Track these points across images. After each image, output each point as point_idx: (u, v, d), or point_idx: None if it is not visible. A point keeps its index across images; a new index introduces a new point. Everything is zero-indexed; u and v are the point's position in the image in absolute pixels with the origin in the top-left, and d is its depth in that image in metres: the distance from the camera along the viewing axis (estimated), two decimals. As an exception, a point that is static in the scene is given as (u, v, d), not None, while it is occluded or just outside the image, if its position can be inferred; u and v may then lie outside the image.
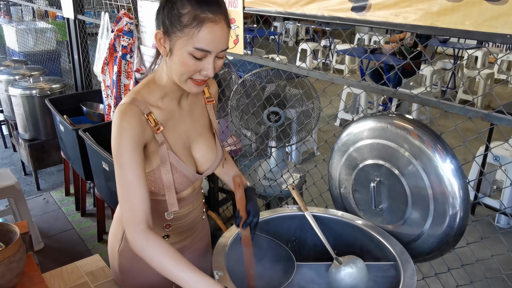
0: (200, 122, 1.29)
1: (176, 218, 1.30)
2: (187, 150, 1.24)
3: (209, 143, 1.29)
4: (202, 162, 1.27)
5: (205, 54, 1.02)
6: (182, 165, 1.20)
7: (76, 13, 3.66)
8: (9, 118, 4.05)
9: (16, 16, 6.89)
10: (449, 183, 1.33)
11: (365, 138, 1.53)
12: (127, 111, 1.08)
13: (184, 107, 1.24)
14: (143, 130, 1.10)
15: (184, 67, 1.05)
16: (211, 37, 1.00)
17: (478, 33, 1.18)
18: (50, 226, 3.17)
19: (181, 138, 1.22)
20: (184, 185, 1.23)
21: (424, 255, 1.47)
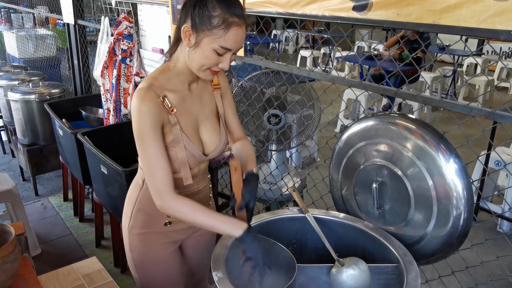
0: (208, 106, 1.38)
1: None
2: (196, 132, 1.34)
3: (215, 127, 1.39)
4: (208, 144, 1.37)
5: (226, 51, 1.17)
6: (191, 145, 1.30)
7: (76, 18, 3.66)
8: (8, 124, 4.03)
9: (17, 23, 6.91)
10: (453, 183, 1.30)
11: (366, 139, 1.51)
12: (145, 96, 1.20)
13: (195, 91, 1.35)
14: (160, 112, 1.22)
15: (206, 60, 1.19)
16: (235, 38, 1.15)
17: (482, 30, 1.17)
18: (47, 231, 3.13)
19: (191, 120, 1.32)
20: (191, 165, 1.33)
21: (427, 257, 1.44)
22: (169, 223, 1.41)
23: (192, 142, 1.31)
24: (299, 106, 2.13)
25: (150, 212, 1.38)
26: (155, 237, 1.42)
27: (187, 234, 1.50)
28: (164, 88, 1.25)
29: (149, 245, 1.42)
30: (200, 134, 1.36)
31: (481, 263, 1.45)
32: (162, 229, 1.41)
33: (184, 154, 1.29)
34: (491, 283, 1.50)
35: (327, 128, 4.60)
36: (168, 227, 1.42)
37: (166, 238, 1.44)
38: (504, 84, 7.55)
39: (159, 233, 1.42)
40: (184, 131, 1.29)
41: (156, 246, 1.43)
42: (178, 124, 1.27)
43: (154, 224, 1.40)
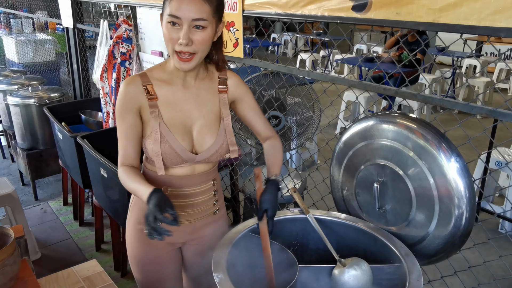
0: (207, 106, 1.36)
1: (171, 195, 1.37)
2: (185, 128, 1.33)
3: (212, 128, 1.36)
4: (200, 143, 1.35)
5: (178, 21, 1.16)
6: (172, 138, 1.30)
7: (76, 22, 3.67)
8: (8, 128, 4.03)
9: (16, 28, 6.92)
10: (455, 182, 1.30)
11: (367, 139, 1.50)
12: (129, 81, 1.29)
13: (191, 88, 1.34)
14: (137, 96, 1.28)
15: (165, 37, 1.20)
16: (180, 4, 1.15)
17: (481, 27, 1.16)
18: (47, 236, 3.12)
19: (180, 115, 1.32)
20: (174, 159, 1.32)
21: (429, 257, 1.43)
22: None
23: (176, 135, 1.31)
24: (299, 108, 2.13)
25: (143, 207, 1.37)
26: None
27: (184, 239, 1.47)
28: (154, 78, 1.30)
29: (143, 241, 1.43)
30: (192, 132, 1.34)
31: (484, 262, 1.44)
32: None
33: (157, 146, 1.30)
34: (494, 283, 1.49)
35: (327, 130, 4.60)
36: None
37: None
38: (503, 85, 7.56)
39: None
40: (167, 123, 1.30)
41: (149, 243, 1.41)
42: (157, 113, 1.29)
43: None
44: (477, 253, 1.51)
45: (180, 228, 1.39)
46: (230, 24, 1.98)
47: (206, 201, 1.44)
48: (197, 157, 1.35)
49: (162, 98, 1.30)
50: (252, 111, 1.44)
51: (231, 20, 1.97)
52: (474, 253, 1.54)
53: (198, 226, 1.45)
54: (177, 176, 1.37)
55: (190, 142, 1.34)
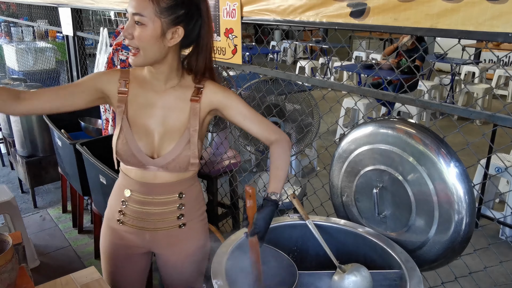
0: (174, 113, 1.34)
1: (132, 199, 1.40)
2: (147, 131, 1.33)
3: (173, 135, 1.34)
4: (159, 149, 1.34)
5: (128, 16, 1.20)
6: (130, 136, 1.32)
7: (75, 30, 3.69)
8: (7, 136, 4.02)
9: (17, 36, 6.95)
10: (454, 187, 1.29)
11: (366, 144, 1.50)
12: (110, 70, 1.37)
13: (161, 93, 1.34)
14: (108, 82, 1.33)
15: None
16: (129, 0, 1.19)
17: (479, 33, 1.17)
18: (46, 243, 3.11)
19: (145, 117, 1.33)
20: (129, 158, 1.33)
21: (429, 263, 1.42)
22: (121, 222, 1.43)
23: (135, 135, 1.32)
24: (298, 114, 2.13)
25: (110, 204, 1.47)
26: (113, 232, 1.46)
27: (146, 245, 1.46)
28: (134, 78, 1.35)
29: (109, 237, 1.48)
30: (153, 136, 1.34)
31: (484, 268, 1.43)
32: (117, 226, 1.44)
33: (116, 137, 1.33)
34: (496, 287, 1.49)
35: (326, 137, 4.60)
36: (121, 226, 1.43)
37: (123, 239, 1.45)
38: (502, 92, 7.58)
39: (116, 229, 1.45)
40: (130, 121, 1.33)
41: (114, 242, 1.47)
42: (123, 109, 1.32)
43: (112, 218, 1.46)
44: (477, 259, 1.50)
45: (139, 233, 1.43)
46: (229, 31, 1.99)
47: (168, 213, 1.40)
48: (153, 161, 1.33)
49: (132, 96, 1.34)
50: (241, 116, 1.36)
51: (229, 27, 1.98)
52: (474, 259, 1.53)
53: (160, 236, 1.43)
54: (139, 182, 1.37)
55: (150, 145, 1.34)
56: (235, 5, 1.90)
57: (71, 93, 1.30)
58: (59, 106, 1.28)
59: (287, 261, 1.33)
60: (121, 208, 1.42)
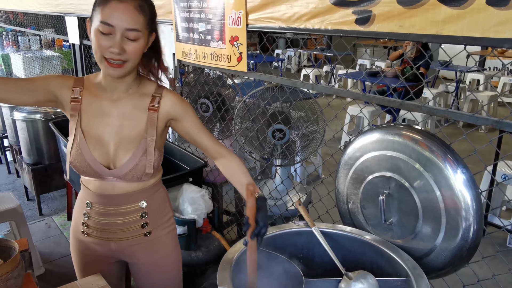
0: (130, 122, 1.31)
1: (93, 211, 1.37)
2: (101, 141, 1.30)
3: (129, 146, 1.30)
4: (115, 160, 1.31)
5: (110, 30, 1.14)
6: (85, 146, 1.28)
7: (82, 38, 3.73)
8: (14, 144, 4.05)
9: (24, 45, 7.03)
10: (461, 194, 1.29)
11: (372, 150, 1.50)
12: (67, 76, 1.32)
13: (117, 101, 1.31)
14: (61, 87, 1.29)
15: (94, 44, 1.17)
16: (114, 12, 1.13)
17: (485, 39, 1.17)
18: (51, 250, 3.11)
19: (100, 127, 1.30)
20: (85, 169, 1.29)
21: (437, 271, 1.41)
22: (86, 234, 1.40)
23: (89, 145, 1.28)
24: (303, 121, 2.13)
25: (75, 215, 1.44)
26: (80, 243, 1.44)
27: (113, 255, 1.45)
28: (88, 86, 1.31)
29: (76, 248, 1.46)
30: (109, 146, 1.30)
31: (493, 276, 1.42)
32: (83, 237, 1.42)
33: (69, 147, 1.30)
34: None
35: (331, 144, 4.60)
36: (86, 237, 1.41)
37: (90, 249, 1.43)
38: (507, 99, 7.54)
39: (82, 241, 1.43)
40: (84, 130, 1.29)
41: (82, 252, 1.45)
42: (76, 118, 1.28)
43: (77, 229, 1.43)
44: (485, 267, 1.48)
45: (104, 244, 1.41)
46: (234, 38, 2.00)
47: (130, 222, 1.38)
48: (110, 172, 1.30)
49: (86, 105, 1.29)
50: (195, 128, 1.37)
51: (235, 35, 1.99)
52: (482, 268, 1.51)
53: (125, 245, 1.41)
54: (98, 194, 1.34)
55: (105, 155, 1.30)
56: (240, 13, 1.91)
57: (21, 87, 1.24)
58: (5, 98, 1.23)
59: (294, 268, 1.32)
60: (84, 220, 1.39)
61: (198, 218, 2.15)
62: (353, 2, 1.47)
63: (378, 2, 1.39)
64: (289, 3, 1.69)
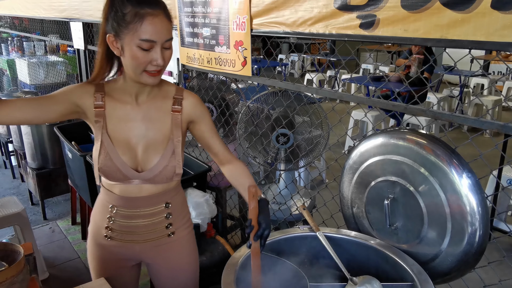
0: (155, 125, 1.33)
1: (118, 214, 1.37)
2: (129, 145, 1.31)
3: (157, 148, 1.33)
4: (144, 162, 1.33)
5: (151, 45, 1.16)
6: (113, 151, 1.29)
7: (86, 44, 3.75)
8: (18, 148, 4.07)
9: (29, 51, 7.07)
10: (467, 199, 1.28)
11: (377, 155, 1.49)
12: (85, 83, 1.31)
13: (141, 105, 1.32)
14: (82, 97, 1.28)
15: (135, 60, 1.17)
16: (153, 28, 1.14)
17: (490, 43, 1.16)
18: (55, 255, 3.11)
19: (126, 130, 1.31)
20: (115, 174, 1.30)
21: (442, 276, 1.40)
22: (109, 238, 1.41)
23: (118, 149, 1.29)
24: (307, 126, 2.13)
25: (95, 220, 1.44)
26: (101, 248, 1.44)
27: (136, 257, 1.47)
28: (109, 91, 1.30)
29: (97, 253, 1.45)
30: (136, 149, 1.32)
31: (499, 281, 1.41)
32: (105, 242, 1.42)
33: (96, 154, 1.30)
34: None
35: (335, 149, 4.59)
36: (110, 241, 1.41)
37: (112, 253, 1.44)
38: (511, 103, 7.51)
39: (104, 245, 1.43)
40: (111, 135, 1.30)
41: (102, 257, 1.45)
42: (101, 123, 1.29)
43: (99, 234, 1.43)
44: (491, 272, 1.47)
45: (129, 247, 1.42)
46: (239, 43, 2.01)
47: (156, 224, 1.40)
48: (140, 175, 1.32)
49: (110, 110, 1.30)
50: (210, 132, 1.41)
51: (239, 40, 2.00)
52: (487, 273, 1.50)
53: (149, 247, 1.43)
54: (124, 197, 1.36)
55: (134, 159, 1.32)
56: (244, 18, 1.92)
57: (44, 105, 1.23)
58: (31, 119, 1.22)
59: (298, 273, 1.32)
60: (108, 224, 1.39)
61: (202, 223, 2.15)
62: (357, 7, 1.47)
63: (382, 7, 1.40)
64: (294, 8, 1.69)
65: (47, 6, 4.28)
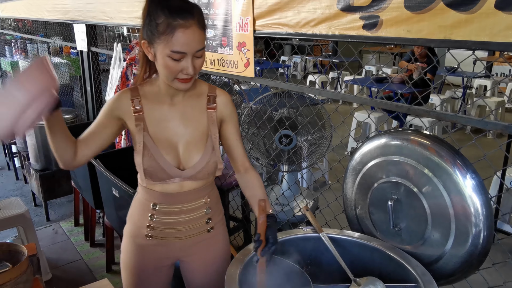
0: (193, 123, 1.37)
1: (160, 212, 1.39)
2: (171, 144, 1.34)
3: (198, 145, 1.36)
4: (186, 160, 1.36)
5: (182, 56, 1.18)
6: (157, 152, 1.32)
7: (90, 45, 3.76)
8: (22, 150, 4.08)
9: (32, 52, 7.09)
10: (471, 200, 1.27)
11: (380, 156, 1.49)
12: (121, 92, 1.34)
13: (177, 105, 1.36)
14: (121, 106, 1.31)
15: (166, 69, 1.21)
16: (184, 40, 1.16)
17: (494, 43, 1.16)
18: (58, 256, 3.12)
19: (166, 131, 1.34)
20: (159, 174, 1.33)
21: (446, 277, 1.40)
22: (150, 237, 1.42)
23: (161, 150, 1.32)
24: (310, 127, 2.13)
25: (134, 221, 1.45)
26: (141, 248, 1.45)
27: (177, 254, 1.48)
28: (144, 94, 1.33)
29: (134, 252, 1.46)
30: (177, 148, 1.35)
31: (504, 283, 1.40)
32: (146, 241, 1.43)
33: (140, 158, 1.32)
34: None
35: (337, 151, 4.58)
36: (151, 240, 1.43)
37: (152, 252, 1.45)
38: (515, 105, 7.49)
39: (144, 245, 1.44)
40: (153, 137, 1.32)
41: (141, 257, 1.45)
42: (142, 126, 1.32)
43: (138, 234, 1.44)
44: (495, 274, 1.46)
45: (170, 244, 1.43)
46: (242, 44, 2.01)
47: (197, 219, 1.43)
48: (184, 173, 1.35)
49: (149, 112, 1.33)
50: (235, 135, 1.44)
51: (242, 41, 2.00)
52: (491, 275, 1.49)
53: (190, 243, 1.45)
54: (165, 193, 1.38)
55: (176, 158, 1.35)
56: (247, 19, 1.92)
57: (101, 134, 1.32)
58: (97, 150, 1.32)
59: (301, 274, 1.31)
60: (149, 222, 1.41)
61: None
62: (360, 8, 1.47)
63: (385, 8, 1.40)
64: (297, 9, 1.69)
65: (50, 8, 4.30)
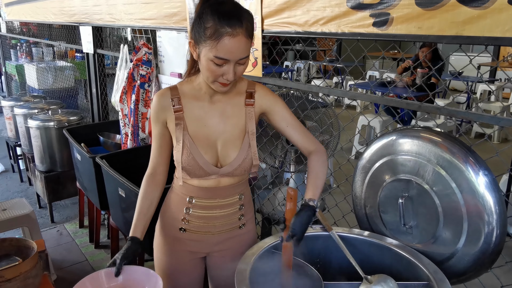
0: (232, 120, 1.38)
1: (196, 205, 1.41)
2: (210, 142, 1.36)
3: (235, 142, 1.37)
4: (224, 157, 1.37)
5: (224, 62, 1.19)
6: (196, 151, 1.34)
7: (96, 47, 3.77)
8: (27, 151, 4.09)
9: (37, 56, 7.13)
10: (484, 197, 1.26)
11: (390, 154, 1.48)
12: (160, 93, 1.38)
13: (217, 103, 1.37)
14: (164, 108, 1.35)
15: (208, 71, 1.23)
16: (228, 48, 1.16)
17: (507, 39, 1.16)
18: (63, 258, 3.11)
19: (205, 129, 1.36)
20: (197, 171, 1.35)
21: (458, 276, 1.38)
22: (184, 230, 1.44)
23: (200, 148, 1.34)
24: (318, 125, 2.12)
25: (169, 214, 1.47)
26: (173, 242, 1.47)
27: (208, 249, 1.49)
28: (183, 92, 1.37)
29: (167, 247, 1.49)
30: (216, 146, 1.37)
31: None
32: (179, 235, 1.45)
33: (179, 155, 1.34)
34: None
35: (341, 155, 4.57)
36: (184, 234, 1.44)
37: (185, 246, 1.47)
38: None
39: (177, 238, 1.46)
40: (192, 136, 1.35)
41: (174, 251, 1.48)
42: (182, 125, 1.34)
43: (172, 228, 1.46)
44: (509, 273, 1.45)
45: (203, 238, 1.45)
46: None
47: (231, 214, 1.45)
48: (221, 170, 1.37)
49: (188, 111, 1.36)
50: (284, 122, 1.41)
51: (250, 40, 2.00)
52: (505, 273, 1.48)
53: (222, 238, 1.47)
54: (202, 188, 1.40)
55: (214, 155, 1.37)
56: (256, 19, 1.92)
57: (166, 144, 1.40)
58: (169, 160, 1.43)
59: (313, 272, 1.30)
60: (184, 216, 1.43)
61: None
62: (370, 5, 1.47)
63: (396, 5, 1.39)
64: (306, 8, 1.70)
65: (57, 11, 4.32)
